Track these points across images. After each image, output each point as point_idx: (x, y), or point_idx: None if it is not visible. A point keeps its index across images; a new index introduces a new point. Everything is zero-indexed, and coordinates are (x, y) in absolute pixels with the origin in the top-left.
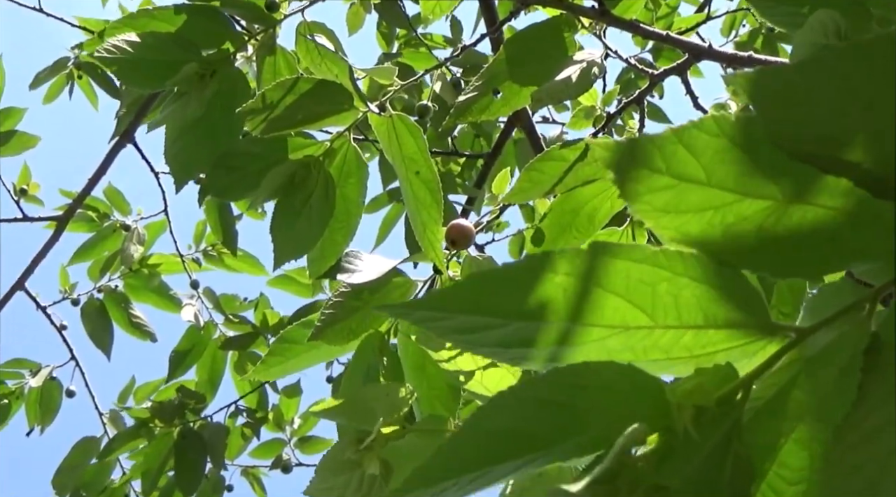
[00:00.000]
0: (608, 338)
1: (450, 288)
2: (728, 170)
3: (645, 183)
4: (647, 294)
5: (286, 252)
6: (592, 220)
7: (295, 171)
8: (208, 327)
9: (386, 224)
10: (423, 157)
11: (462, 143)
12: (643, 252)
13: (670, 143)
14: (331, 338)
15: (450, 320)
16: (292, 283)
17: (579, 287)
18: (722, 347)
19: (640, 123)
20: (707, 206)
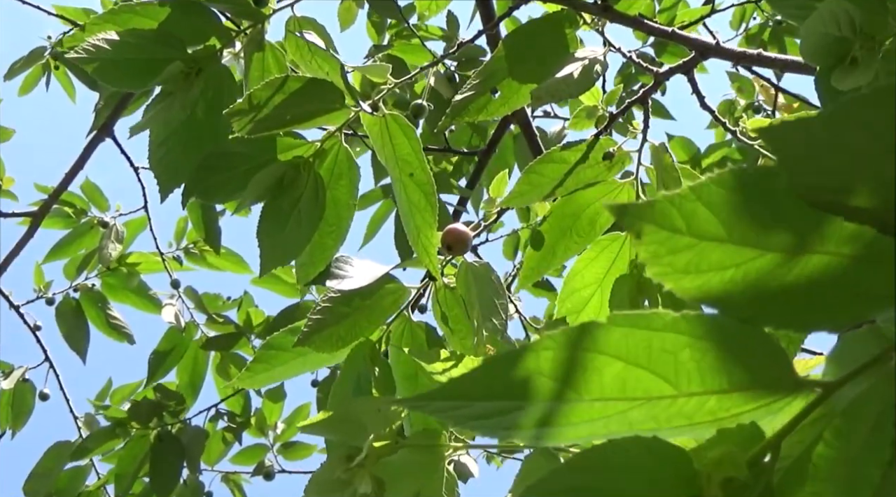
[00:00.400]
0: (630, 410)
1: (468, 376)
2: (748, 225)
3: (666, 245)
4: (670, 363)
5: (273, 257)
6: (594, 224)
7: (284, 173)
8: (189, 328)
9: (374, 222)
10: (417, 158)
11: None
12: (663, 320)
13: (689, 202)
14: (318, 344)
15: (469, 408)
16: (278, 283)
17: (601, 362)
18: (746, 408)
19: (644, 123)
20: (728, 264)
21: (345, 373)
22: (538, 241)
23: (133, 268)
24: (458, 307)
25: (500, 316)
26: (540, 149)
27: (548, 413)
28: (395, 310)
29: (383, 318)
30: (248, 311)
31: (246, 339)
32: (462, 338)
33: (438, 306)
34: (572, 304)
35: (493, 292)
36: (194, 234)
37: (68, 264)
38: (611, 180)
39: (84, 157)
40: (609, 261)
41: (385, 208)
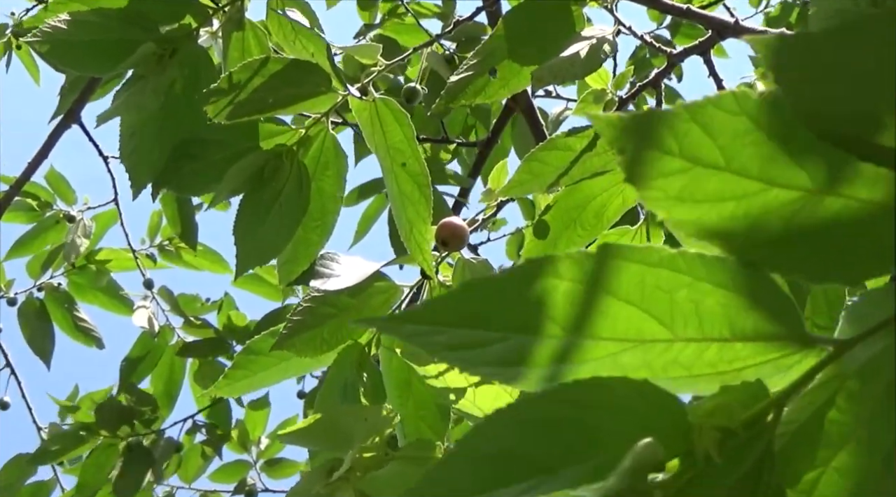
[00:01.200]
0: (621, 353)
1: (441, 298)
2: (750, 154)
3: (655, 165)
4: (665, 302)
5: (252, 255)
6: (601, 216)
7: (264, 162)
8: (164, 332)
9: (366, 220)
10: (410, 146)
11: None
12: (659, 254)
13: (683, 121)
14: (299, 348)
15: (441, 335)
16: (262, 284)
17: (587, 295)
18: (751, 363)
19: (657, 108)
20: (727, 196)
21: (330, 379)
22: (543, 230)
23: (102, 266)
24: None
25: None
26: (543, 134)
27: (531, 349)
28: (386, 310)
29: None
30: (229, 314)
31: (226, 345)
32: None
33: None
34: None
35: None
36: (169, 229)
37: (32, 261)
38: (620, 170)
39: (49, 144)
40: None
41: (377, 204)
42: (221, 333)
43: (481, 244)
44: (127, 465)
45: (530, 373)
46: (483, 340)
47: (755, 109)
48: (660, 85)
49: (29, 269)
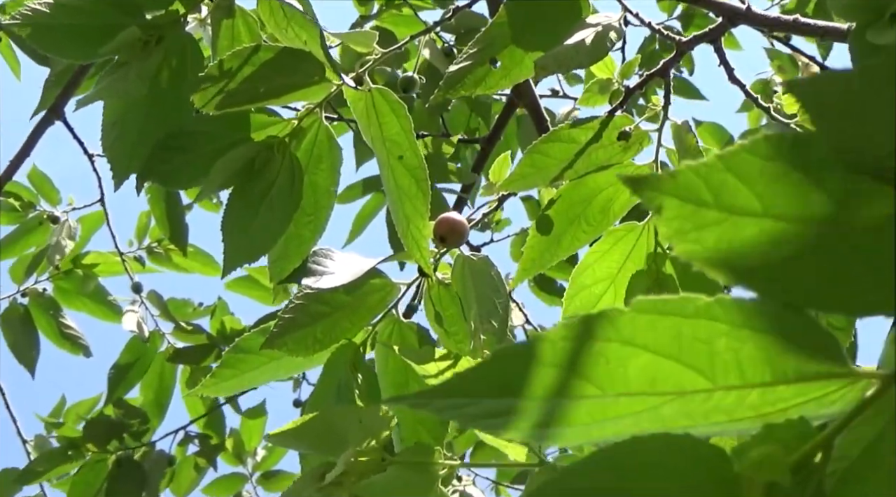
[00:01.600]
0: (661, 406)
1: (473, 370)
2: (788, 197)
3: (691, 220)
4: (704, 353)
5: (241, 252)
6: (606, 212)
7: (255, 155)
8: (154, 338)
9: (361, 218)
10: (407, 139)
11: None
12: (695, 305)
13: (717, 172)
14: (291, 347)
15: (476, 406)
16: (255, 287)
17: (623, 353)
18: (793, 403)
19: (665, 100)
20: (765, 241)
21: (323, 380)
22: (546, 226)
23: (89, 269)
24: (454, 306)
25: (500, 316)
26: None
27: (566, 410)
28: (382, 308)
29: (368, 318)
30: (222, 319)
31: (219, 352)
32: (458, 341)
33: (431, 305)
34: (581, 301)
35: (492, 290)
36: (158, 231)
37: (15, 265)
38: (627, 163)
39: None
40: (624, 254)
41: (374, 202)
42: (214, 339)
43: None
44: (116, 483)
45: (569, 432)
46: (520, 408)
47: (790, 151)
48: (668, 74)
49: (12, 273)
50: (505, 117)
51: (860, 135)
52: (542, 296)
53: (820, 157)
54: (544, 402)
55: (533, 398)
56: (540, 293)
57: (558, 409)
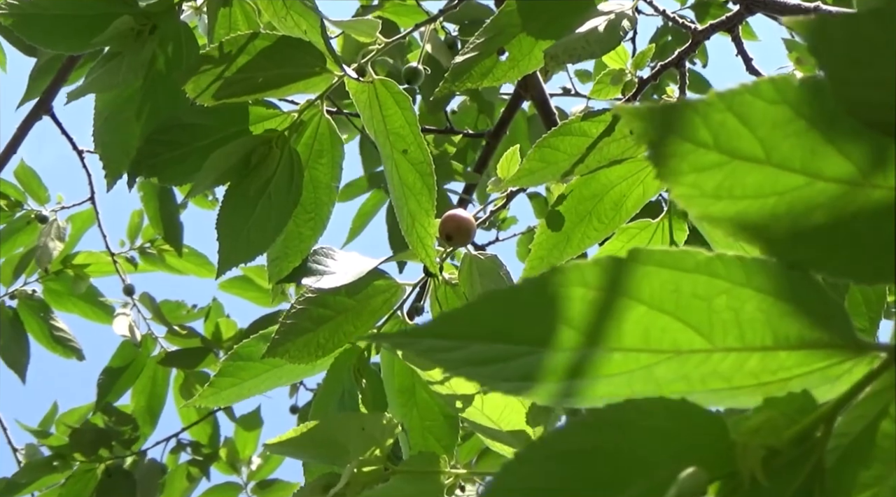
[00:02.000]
0: (655, 365)
1: (460, 310)
2: (792, 145)
3: (688, 160)
4: (703, 310)
5: (237, 251)
6: (619, 208)
7: (252, 149)
8: (147, 342)
9: (362, 216)
10: (411, 131)
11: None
12: (695, 259)
13: (717, 111)
14: (293, 354)
15: (463, 350)
16: (251, 288)
17: (617, 304)
18: (796, 373)
19: (681, 91)
20: (768, 191)
21: (326, 387)
22: (556, 222)
23: (80, 270)
24: None
25: None
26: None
27: (558, 362)
28: (387, 311)
29: (372, 322)
30: (216, 322)
31: (213, 356)
32: None
33: (438, 306)
34: None
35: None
36: (151, 230)
37: (3, 266)
38: (640, 158)
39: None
40: None
41: (375, 200)
42: (209, 343)
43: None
44: (106, 493)
45: (555, 388)
46: (505, 355)
47: (796, 97)
48: (683, 65)
49: (0, 275)
50: (511, 111)
51: (868, 82)
52: None
53: (828, 106)
54: (536, 351)
55: (520, 344)
56: None
57: (551, 361)
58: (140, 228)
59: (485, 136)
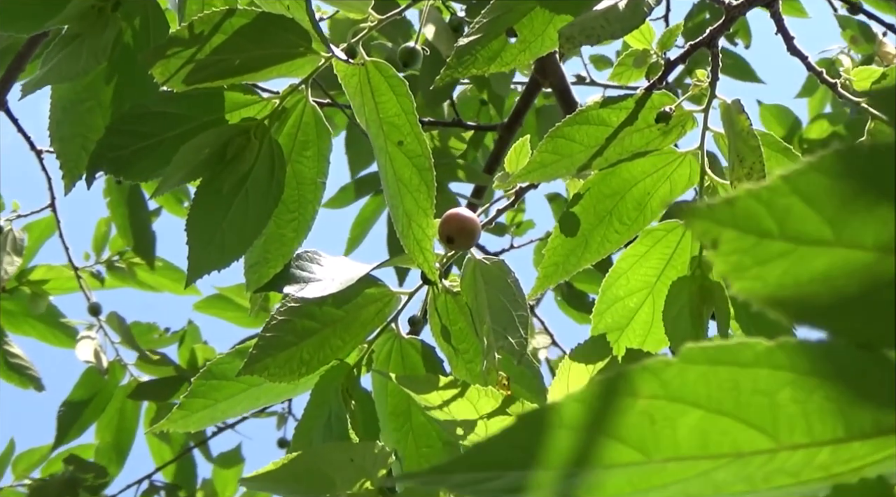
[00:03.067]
0: (715, 470)
1: (495, 438)
2: (863, 221)
3: (752, 253)
4: (766, 407)
5: (209, 256)
6: (643, 207)
7: (227, 140)
8: (114, 369)
9: (361, 222)
10: (408, 121)
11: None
12: (754, 351)
13: (782, 196)
14: (273, 372)
15: (500, 480)
16: (230, 307)
17: (671, 411)
18: (870, 460)
19: (712, 75)
20: (837, 273)
21: (311, 410)
22: (571, 225)
23: (38, 287)
24: (464, 320)
25: (518, 332)
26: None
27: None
28: (380, 323)
29: (363, 335)
30: (192, 347)
31: (188, 384)
32: (468, 360)
33: (437, 318)
34: (613, 317)
35: (509, 300)
36: (120, 241)
37: None
38: (667, 150)
39: None
40: (663, 258)
41: (374, 205)
42: (184, 371)
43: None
44: None
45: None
46: (549, 479)
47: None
48: (716, 45)
49: None
50: (527, 100)
51: None
52: (571, 312)
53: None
54: (577, 472)
55: (564, 468)
56: (568, 309)
57: (594, 480)
58: (107, 239)
59: (497, 129)
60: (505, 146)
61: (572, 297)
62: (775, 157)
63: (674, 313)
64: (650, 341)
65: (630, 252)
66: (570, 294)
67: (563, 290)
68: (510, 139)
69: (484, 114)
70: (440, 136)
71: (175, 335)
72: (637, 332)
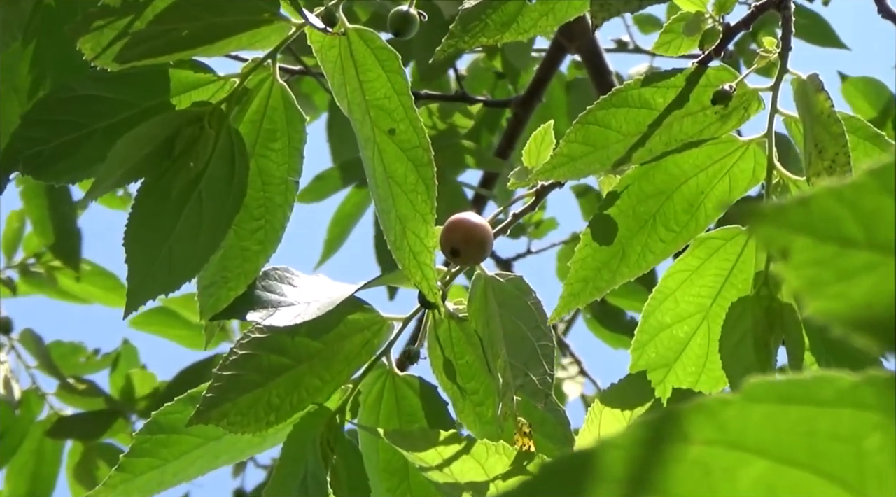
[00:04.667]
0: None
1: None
2: None
3: (832, 266)
4: (848, 456)
5: (153, 279)
6: (695, 209)
7: (176, 131)
8: (29, 400)
9: (340, 221)
10: (401, 103)
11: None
12: (835, 387)
13: (869, 195)
14: (234, 421)
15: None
16: (177, 324)
17: (730, 461)
18: None
19: (783, 43)
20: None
21: (283, 467)
22: (606, 232)
23: None
24: (473, 352)
25: (540, 367)
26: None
27: None
28: (367, 357)
29: (347, 373)
30: (128, 373)
31: (124, 422)
32: (478, 403)
33: (439, 350)
34: (658, 351)
35: (529, 327)
36: (36, 240)
37: None
38: (726, 138)
39: None
40: (721, 274)
41: (356, 200)
42: (117, 403)
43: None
44: None
45: None
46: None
47: None
48: (787, 5)
49: None
50: (548, 69)
51: None
52: (604, 333)
53: None
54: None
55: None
56: (601, 330)
57: None
58: (20, 237)
59: (511, 104)
60: (521, 125)
61: (605, 315)
62: (863, 145)
63: (733, 342)
64: (705, 381)
65: (679, 266)
66: (603, 312)
67: (595, 306)
68: (527, 118)
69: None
70: (440, 112)
71: (106, 358)
72: (688, 369)
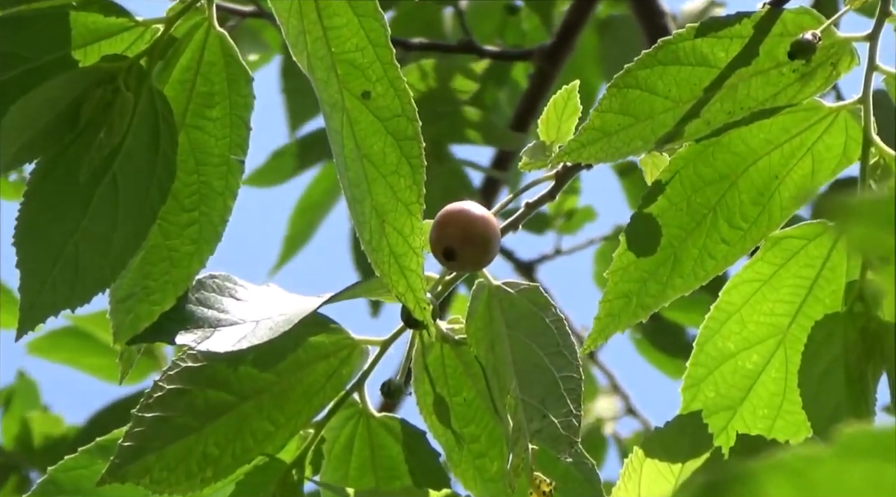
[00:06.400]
0: None
1: None
2: None
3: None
4: None
5: (52, 291)
6: (766, 200)
7: (80, 96)
8: None
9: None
10: (377, 57)
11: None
12: None
13: None
14: (158, 478)
15: None
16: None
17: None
18: None
19: None
20: None
21: None
22: (650, 230)
23: None
24: (472, 386)
25: (563, 405)
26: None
27: None
28: (335, 392)
29: (308, 413)
30: (24, 415)
31: (19, 478)
32: (479, 454)
33: (429, 384)
34: (719, 387)
35: (548, 352)
36: None
37: None
38: (808, 105)
39: None
40: (802, 286)
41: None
42: (10, 455)
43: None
44: None
45: None
46: None
47: None
48: None
49: None
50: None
51: None
52: (658, 358)
53: None
54: None
55: None
56: (653, 353)
57: None
58: None
59: (533, 55)
60: (546, 84)
61: (659, 333)
62: None
63: (818, 373)
64: (781, 426)
65: (746, 276)
66: (656, 328)
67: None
68: (554, 74)
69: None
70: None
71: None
72: (758, 411)
